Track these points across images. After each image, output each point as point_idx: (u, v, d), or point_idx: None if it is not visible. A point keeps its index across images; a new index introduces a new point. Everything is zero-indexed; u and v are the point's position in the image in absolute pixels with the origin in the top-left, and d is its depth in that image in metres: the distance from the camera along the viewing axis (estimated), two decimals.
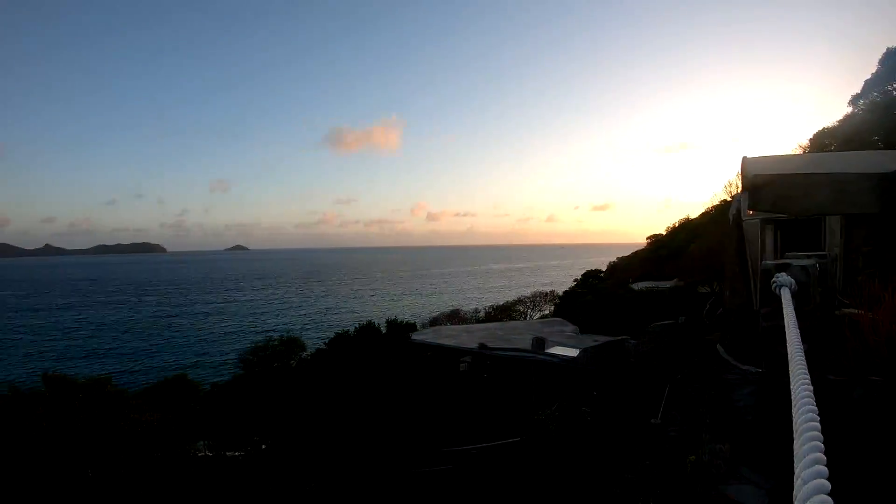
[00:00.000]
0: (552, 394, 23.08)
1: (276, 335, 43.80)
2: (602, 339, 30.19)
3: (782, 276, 10.72)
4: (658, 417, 14.36)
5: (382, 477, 20.20)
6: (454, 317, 56.36)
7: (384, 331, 40.52)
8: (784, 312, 7.22)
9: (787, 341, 5.40)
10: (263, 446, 27.23)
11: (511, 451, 18.21)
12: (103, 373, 47.46)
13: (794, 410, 3.46)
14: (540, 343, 28.38)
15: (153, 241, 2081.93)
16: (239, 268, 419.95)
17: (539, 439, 17.08)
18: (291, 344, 40.88)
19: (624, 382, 21.25)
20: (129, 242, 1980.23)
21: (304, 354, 40.51)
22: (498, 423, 23.13)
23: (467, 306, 70.80)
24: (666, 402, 15.31)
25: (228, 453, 26.05)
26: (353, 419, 26.00)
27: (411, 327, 42.68)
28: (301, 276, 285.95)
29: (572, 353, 26.85)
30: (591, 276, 70.07)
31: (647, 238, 78.75)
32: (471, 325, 45.34)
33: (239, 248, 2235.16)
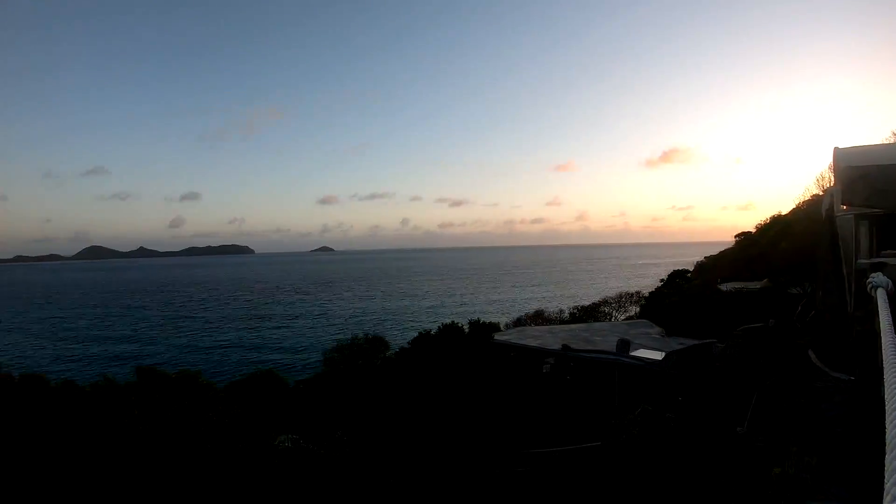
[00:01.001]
0: (636, 398, 22.77)
1: (361, 334, 44.28)
2: (688, 342, 29.67)
3: (878, 277, 9.83)
4: (744, 426, 14.00)
5: (461, 476, 20.28)
6: (538, 317, 56.02)
7: (467, 331, 40.57)
8: (879, 316, 6.74)
9: (882, 347, 5.09)
10: (345, 442, 27.67)
11: (591, 456, 18.00)
12: (196, 367, 49.22)
13: (887, 423, 3.31)
14: (625, 345, 28.06)
15: (241, 244, 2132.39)
16: (326, 268, 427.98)
17: (620, 444, 16.84)
18: (376, 343, 41.26)
19: (710, 388, 20.77)
20: (218, 245, 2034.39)
21: (388, 353, 40.86)
22: (579, 426, 22.95)
23: (551, 307, 70.11)
24: (753, 410, 14.89)
25: (311, 447, 26.56)
26: (433, 418, 26.18)
27: (494, 328, 42.67)
28: (384, 276, 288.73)
29: (657, 356, 26.46)
30: (677, 277, 68.11)
31: (736, 236, 76.23)
32: (554, 326, 44.98)
33: (325, 249, 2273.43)
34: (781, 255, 44.17)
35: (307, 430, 28.38)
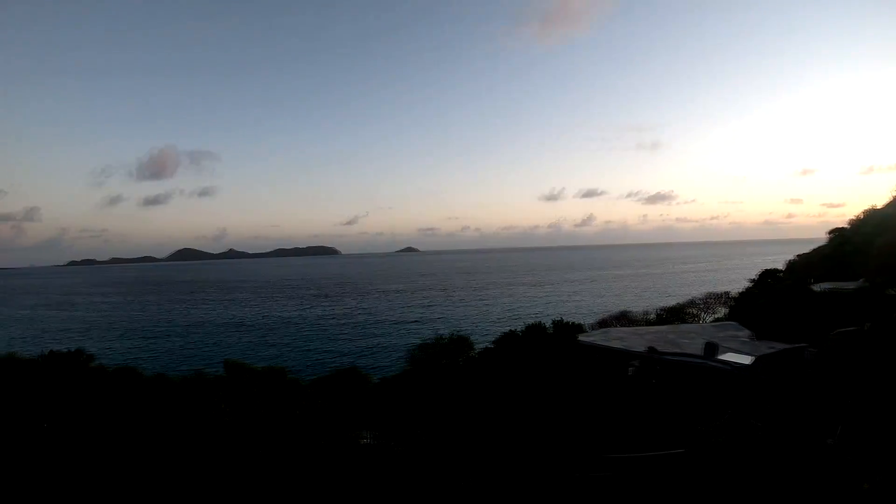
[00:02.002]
0: (722, 403, 22.27)
1: (445, 333, 44.47)
2: (778, 346, 28.79)
3: None
4: (835, 437, 13.56)
5: (540, 479, 20.23)
6: (623, 318, 55.28)
7: (551, 331, 40.35)
8: None
9: None
10: (425, 440, 27.91)
11: (674, 463, 17.67)
12: (283, 363, 50.54)
13: None
14: (712, 349, 27.47)
15: (328, 244, 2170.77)
16: (410, 268, 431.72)
17: (704, 452, 16.48)
18: (459, 342, 41.39)
19: (800, 395, 20.18)
20: (305, 246, 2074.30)
21: (472, 353, 40.93)
22: (662, 431, 22.59)
23: (637, 307, 68.93)
24: (845, 420, 14.43)
25: (391, 444, 26.89)
26: (514, 419, 26.18)
27: (578, 328, 42.31)
28: (471, 276, 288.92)
29: (745, 360, 25.78)
30: (768, 276, 65.57)
31: (829, 233, 72.88)
32: (640, 328, 44.20)
33: (410, 249, 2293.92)
34: (878, 253, 42.38)
35: (388, 427, 28.80)
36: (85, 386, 24.12)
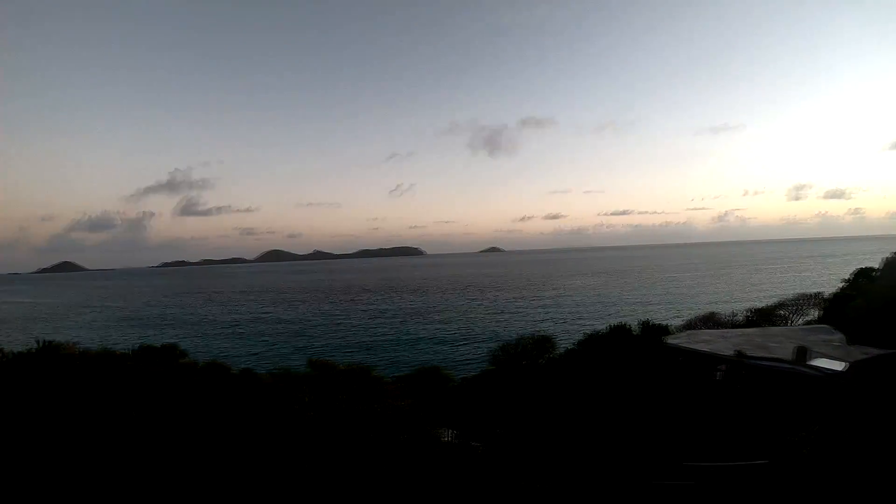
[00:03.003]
0: (812, 412, 21.62)
1: (527, 334, 44.33)
2: (873, 351, 27.72)
3: None
4: None
5: (617, 485, 20.08)
6: (709, 320, 53.95)
7: (636, 332, 39.81)
8: None
9: None
10: (504, 440, 27.98)
11: (756, 474, 17.24)
12: (367, 360, 51.45)
13: None
14: (802, 353, 26.66)
15: (412, 245, 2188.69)
16: (492, 269, 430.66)
17: (789, 464, 16.02)
18: (542, 343, 41.19)
19: None
20: (390, 247, 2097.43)
21: (554, 354, 40.70)
22: (747, 440, 22.07)
23: (725, 308, 67.02)
24: None
25: (470, 443, 27.06)
26: (595, 421, 26.00)
27: (664, 330, 41.57)
28: (556, 276, 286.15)
29: (838, 366, 24.94)
30: (862, 276, 62.68)
31: None
32: (727, 331, 43.01)
33: (494, 249, 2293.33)
34: None
35: (468, 426, 29.02)
36: (175, 379, 25.16)
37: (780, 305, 57.52)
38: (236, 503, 17.66)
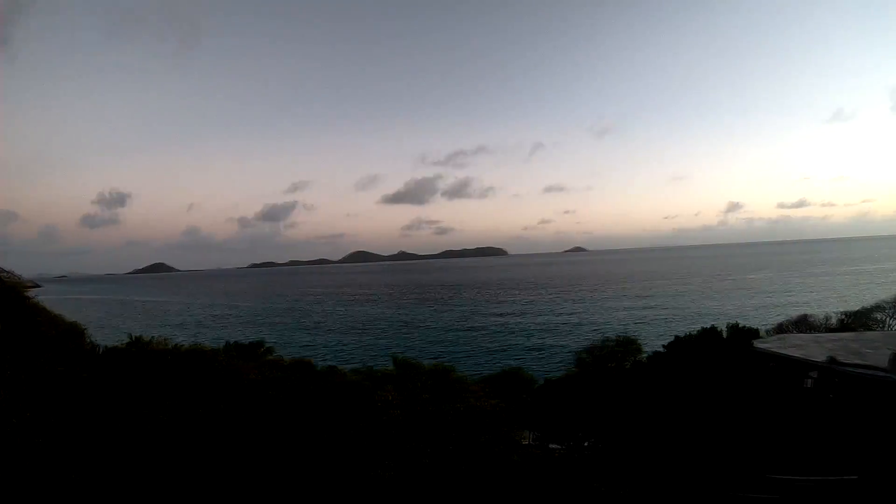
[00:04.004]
0: None
1: (612, 335, 43.78)
2: None
3: None
4: None
5: (699, 495, 19.58)
6: (801, 323, 52.01)
7: (725, 336, 38.75)
8: None
9: None
10: (585, 443, 27.60)
11: (844, 490, 16.38)
12: (451, 361, 51.69)
13: None
14: None
15: (496, 245, 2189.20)
16: (578, 269, 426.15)
17: (881, 481, 15.16)
18: (627, 345, 40.60)
19: None
20: (473, 247, 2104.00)
21: (640, 357, 40.03)
22: (836, 453, 21.08)
23: (817, 310, 64.44)
24: None
25: (550, 445, 26.77)
26: (679, 428, 25.40)
27: (754, 333, 40.31)
28: (647, 276, 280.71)
29: None
30: None
31: None
32: (821, 335, 41.27)
33: (578, 249, 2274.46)
34: None
35: (549, 428, 28.77)
36: (262, 375, 25.72)
37: (877, 307, 54.69)
38: (327, 497, 17.98)
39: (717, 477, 20.87)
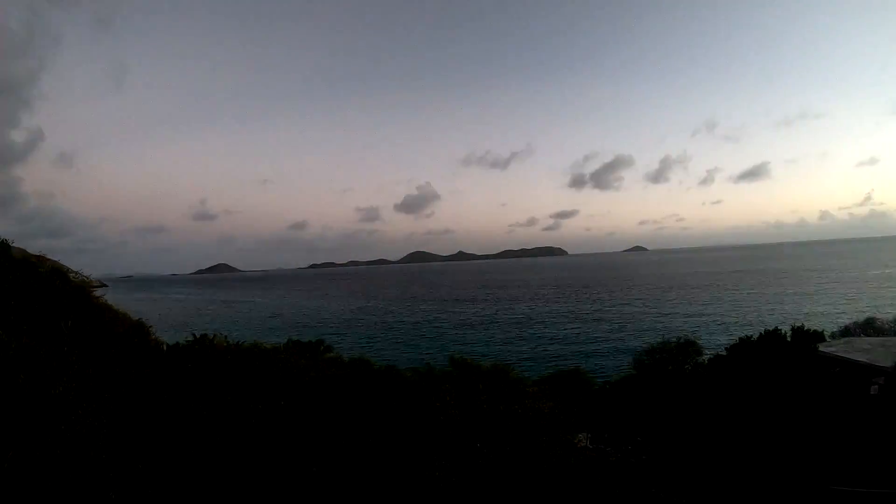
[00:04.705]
0: None
1: (673, 337, 43.12)
2: None
3: None
4: None
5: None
6: (868, 326, 50.56)
7: (789, 339, 37.89)
8: None
9: None
10: (642, 448, 27.28)
11: None
12: (509, 360, 51.61)
13: None
14: None
15: (555, 245, 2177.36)
16: (639, 269, 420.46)
17: None
18: (687, 347, 39.97)
19: None
20: (532, 247, 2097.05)
21: (700, 359, 39.37)
22: None
23: (886, 314, 62.44)
24: None
25: (607, 449, 26.55)
26: (738, 435, 24.87)
27: (818, 337, 39.33)
28: (711, 276, 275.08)
29: None
30: None
31: None
32: (889, 339, 40.15)
33: (638, 248, 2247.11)
34: None
35: (605, 432, 28.52)
36: (321, 373, 26.08)
37: None
38: (382, 495, 18.17)
39: (777, 487, 20.42)
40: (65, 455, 11.03)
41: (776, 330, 38.66)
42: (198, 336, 27.26)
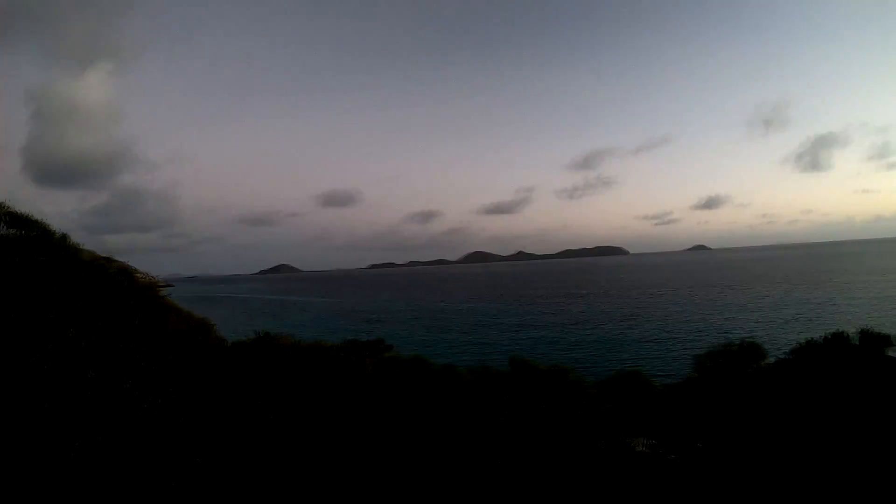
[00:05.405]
0: None
1: (736, 339, 42.23)
2: None
3: None
4: None
5: None
6: None
7: (856, 342, 36.62)
8: None
9: None
10: (703, 454, 26.82)
11: None
12: (567, 362, 51.33)
13: None
14: None
15: (615, 244, 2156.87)
16: (700, 269, 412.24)
17: None
18: (750, 350, 39.00)
19: None
20: (592, 246, 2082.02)
21: (764, 363, 38.37)
22: None
23: None
24: None
25: (666, 454, 26.23)
26: (801, 444, 24.18)
27: (885, 340, 37.85)
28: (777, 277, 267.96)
29: None
30: None
31: None
32: None
33: (700, 247, 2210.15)
34: None
35: (666, 436, 28.12)
36: (380, 371, 26.40)
37: None
38: (437, 494, 18.32)
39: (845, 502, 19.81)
40: (129, 446, 11.45)
41: (841, 333, 37.53)
42: (260, 334, 27.82)
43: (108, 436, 11.26)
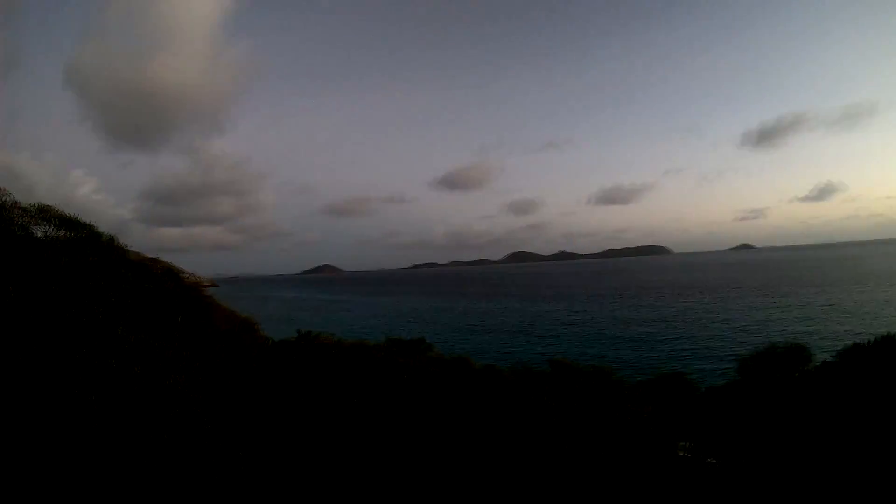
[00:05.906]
0: None
1: (781, 341, 41.52)
2: None
3: None
4: None
5: None
6: None
7: None
8: None
9: None
10: (746, 459, 26.40)
11: None
12: (610, 362, 51.01)
13: None
14: None
15: (658, 244, 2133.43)
16: (742, 269, 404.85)
17: None
18: (795, 352, 38.36)
19: None
20: (635, 246, 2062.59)
21: (809, 366, 37.70)
22: None
23: None
24: None
25: (707, 458, 25.89)
26: (846, 450, 23.64)
27: None
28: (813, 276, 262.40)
29: None
30: None
31: None
32: None
33: (745, 246, 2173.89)
34: None
35: (706, 440, 27.73)
36: (423, 371, 26.58)
37: None
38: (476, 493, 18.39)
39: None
40: (172, 440, 11.74)
41: (890, 335, 36.58)
42: (303, 332, 28.21)
43: (151, 430, 11.55)
